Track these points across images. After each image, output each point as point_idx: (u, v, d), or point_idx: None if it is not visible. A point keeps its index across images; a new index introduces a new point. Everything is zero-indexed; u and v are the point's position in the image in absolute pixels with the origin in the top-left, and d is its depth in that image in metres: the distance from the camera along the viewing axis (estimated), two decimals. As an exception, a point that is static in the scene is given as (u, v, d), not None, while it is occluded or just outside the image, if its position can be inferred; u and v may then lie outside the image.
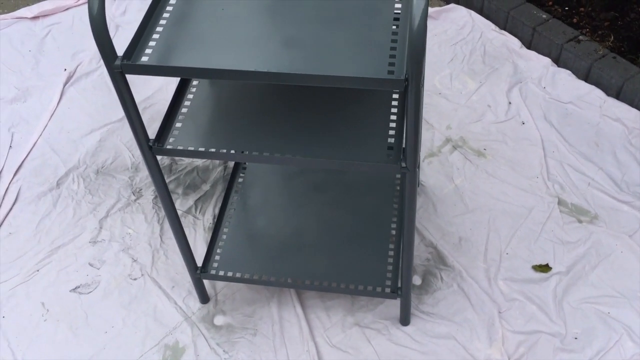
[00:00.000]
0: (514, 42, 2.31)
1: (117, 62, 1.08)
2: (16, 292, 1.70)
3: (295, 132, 1.27)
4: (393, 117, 1.29)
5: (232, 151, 1.24)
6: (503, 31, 2.36)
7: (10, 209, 1.89)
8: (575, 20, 2.30)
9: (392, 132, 1.26)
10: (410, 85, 1.02)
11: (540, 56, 2.25)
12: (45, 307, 1.67)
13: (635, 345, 1.54)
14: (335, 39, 1.12)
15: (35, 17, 2.52)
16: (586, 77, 2.16)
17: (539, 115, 2.08)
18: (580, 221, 1.80)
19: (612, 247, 1.73)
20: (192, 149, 1.24)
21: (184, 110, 1.33)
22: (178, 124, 1.30)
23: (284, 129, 1.28)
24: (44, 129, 2.11)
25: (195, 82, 1.38)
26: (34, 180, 1.96)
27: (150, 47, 1.13)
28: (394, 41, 1.12)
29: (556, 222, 1.80)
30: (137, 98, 2.18)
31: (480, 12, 2.42)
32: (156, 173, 1.29)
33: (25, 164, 2.01)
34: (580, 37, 2.20)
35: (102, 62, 2.33)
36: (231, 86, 1.37)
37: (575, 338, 1.56)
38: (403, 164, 1.18)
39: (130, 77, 1.13)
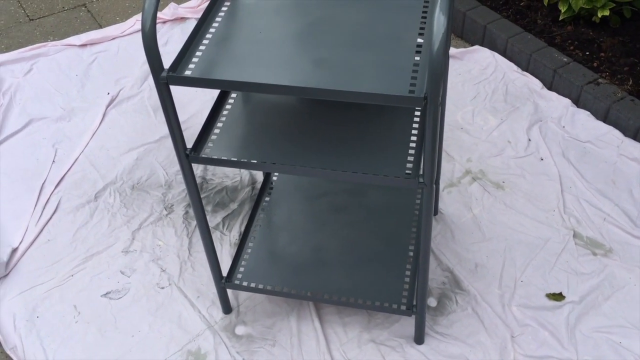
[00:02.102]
0: (536, 83, 2.40)
1: (164, 74, 1.20)
2: (51, 294, 1.80)
3: (320, 146, 1.36)
4: (413, 138, 1.38)
5: (263, 162, 1.33)
6: (525, 72, 2.45)
7: (50, 217, 2.00)
8: (595, 64, 2.38)
9: (412, 151, 1.35)
10: (429, 103, 1.12)
11: (561, 97, 2.33)
12: (77, 309, 1.76)
13: (646, 375, 1.56)
14: (362, 61, 1.23)
15: (83, 45, 2.69)
16: (605, 118, 2.23)
17: (557, 153, 2.15)
18: (594, 254, 1.84)
19: (626, 280, 1.77)
20: (225, 158, 1.35)
21: (219, 124, 1.43)
22: (214, 136, 1.40)
23: (310, 143, 1.37)
24: (85, 146, 2.25)
25: (231, 100, 1.50)
26: (73, 193, 2.08)
27: (194, 62, 1.24)
28: (415, 65, 1.22)
29: (571, 253, 1.84)
30: (194, 119, 2.32)
31: (504, 54, 2.53)
32: (191, 180, 1.39)
33: (66, 178, 2.14)
34: (600, 80, 2.28)
35: (142, 87, 2.49)
36: (264, 102, 1.48)
37: (586, 365, 1.60)
38: (421, 180, 1.26)
39: (173, 89, 1.24)
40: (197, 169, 2.15)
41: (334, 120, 1.42)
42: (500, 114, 2.30)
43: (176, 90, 2.43)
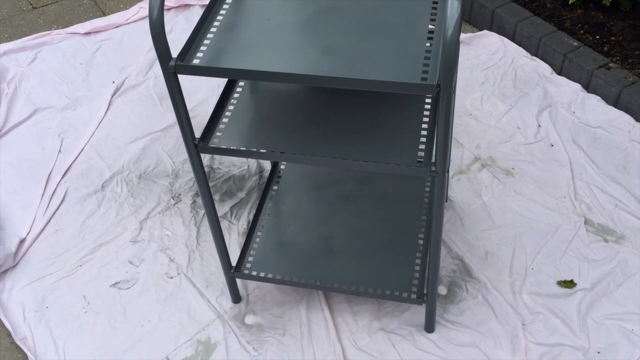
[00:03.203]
0: (545, 67, 2.37)
1: (172, 63, 1.18)
2: (60, 285, 1.79)
3: (330, 135, 1.35)
4: (424, 126, 1.36)
5: (272, 151, 1.32)
6: (534, 57, 2.42)
7: (58, 208, 1.99)
8: (605, 48, 2.35)
9: (423, 139, 1.33)
10: (442, 90, 1.10)
11: (571, 82, 2.31)
12: (86, 300, 1.76)
13: (658, 363, 1.55)
14: (373, 48, 1.21)
15: (87, 33, 2.67)
16: (615, 102, 2.20)
17: (567, 138, 2.12)
18: (606, 240, 1.82)
19: (638, 267, 1.75)
20: (234, 148, 1.33)
21: (227, 113, 1.42)
22: (222, 125, 1.39)
23: (320, 132, 1.36)
24: (91, 136, 2.23)
25: (239, 89, 1.48)
26: (80, 183, 2.07)
27: (202, 51, 1.22)
28: (427, 52, 1.19)
29: (582, 240, 1.83)
30: (200, 108, 2.31)
31: (512, 38, 2.49)
32: (199, 170, 1.37)
33: (73, 168, 2.13)
34: (611, 65, 2.25)
35: (147, 76, 2.47)
36: (272, 92, 1.46)
37: (598, 352, 1.59)
38: (432, 168, 1.24)
39: (181, 78, 1.23)
40: (205, 158, 2.14)
41: (343, 109, 1.40)
42: (509, 100, 2.28)
43: (182, 79, 2.41)
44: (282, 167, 1.91)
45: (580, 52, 2.32)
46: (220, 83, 2.42)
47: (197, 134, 2.18)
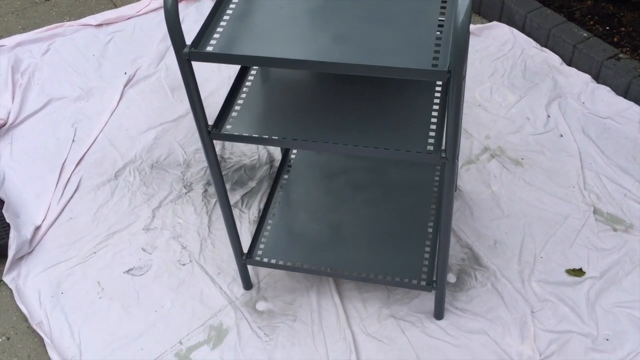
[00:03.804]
0: (555, 58, 2.38)
1: (186, 50, 1.20)
2: (74, 271, 1.82)
3: (341, 122, 1.36)
4: (434, 114, 1.38)
5: (284, 138, 1.34)
6: (544, 48, 2.42)
7: (72, 196, 2.02)
8: (615, 39, 2.35)
9: (433, 127, 1.35)
10: (452, 76, 1.11)
11: (580, 73, 2.31)
12: (100, 286, 1.79)
13: (666, 350, 1.57)
14: (383, 36, 1.22)
15: (99, 25, 2.69)
16: (625, 93, 2.20)
17: (577, 129, 2.13)
18: (615, 230, 1.83)
19: (647, 256, 1.76)
20: (246, 134, 1.35)
21: (240, 101, 1.44)
22: (234, 113, 1.41)
23: (331, 119, 1.37)
24: (104, 126, 2.26)
25: (250, 77, 1.50)
26: (94, 172, 2.10)
27: (215, 38, 1.24)
28: (438, 39, 1.21)
29: (591, 229, 1.84)
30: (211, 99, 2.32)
31: (522, 29, 2.50)
32: (212, 157, 1.40)
33: (86, 157, 2.15)
34: (621, 55, 2.25)
35: (159, 67, 2.49)
36: (283, 80, 1.48)
37: (607, 339, 1.60)
38: (443, 155, 1.26)
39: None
40: (216, 147, 2.16)
41: (354, 97, 1.42)
42: (518, 91, 2.28)
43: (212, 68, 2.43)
44: (293, 156, 1.93)
45: (590, 42, 2.32)
46: (231, 74, 2.44)
47: (210, 122, 2.21)
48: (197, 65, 2.43)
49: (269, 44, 1.22)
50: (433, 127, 1.35)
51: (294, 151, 1.94)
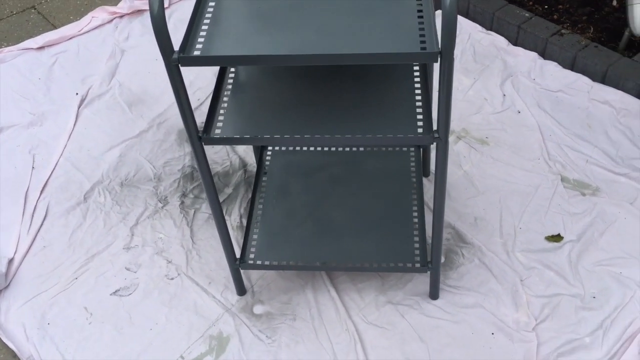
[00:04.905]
0: (501, 40, 2.48)
1: (175, 56, 1.18)
2: (57, 300, 1.76)
3: (330, 115, 1.38)
4: (418, 98, 1.42)
5: (276, 135, 1.34)
6: (490, 31, 2.52)
7: (42, 224, 1.95)
8: (555, 16, 2.47)
9: (419, 110, 1.38)
10: (443, 57, 1.15)
11: (527, 51, 2.41)
12: (88, 311, 1.73)
13: (648, 299, 1.66)
14: (367, 25, 1.24)
15: (40, 48, 2.60)
16: (572, 66, 2.32)
17: (532, 104, 2.23)
18: (583, 194, 1.93)
19: (616, 215, 1.86)
20: (237, 136, 1.34)
21: (224, 104, 1.43)
22: (220, 117, 1.40)
23: (319, 113, 1.39)
24: (64, 149, 2.18)
25: (230, 79, 1.49)
26: (61, 196, 2.03)
27: (200, 42, 1.23)
28: (421, 24, 1.24)
29: (562, 196, 1.93)
30: (172, 111, 2.29)
31: (466, 15, 2.59)
32: (203, 162, 1.38)
33: (50, 183, 2.08)
34: (563, 31, 2.37)
35: (111, 84, 2.43)
36: (264, 76, 1.48)
37: (594, 297, 1.68)
38: (436, 135, 1.29)
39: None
40: (186, 158, 2.13)
41: (336, 91, 1.44)
42: (472, 74, 2.37)
43: (167, 83, 2.39)
44: (268, 157, 1.93)
45: (533, 22, 2.43)
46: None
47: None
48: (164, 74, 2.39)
49: (255, 42, 1.22)
50: (419, 110, 1.38)
51: (269, 153, 1.94)
